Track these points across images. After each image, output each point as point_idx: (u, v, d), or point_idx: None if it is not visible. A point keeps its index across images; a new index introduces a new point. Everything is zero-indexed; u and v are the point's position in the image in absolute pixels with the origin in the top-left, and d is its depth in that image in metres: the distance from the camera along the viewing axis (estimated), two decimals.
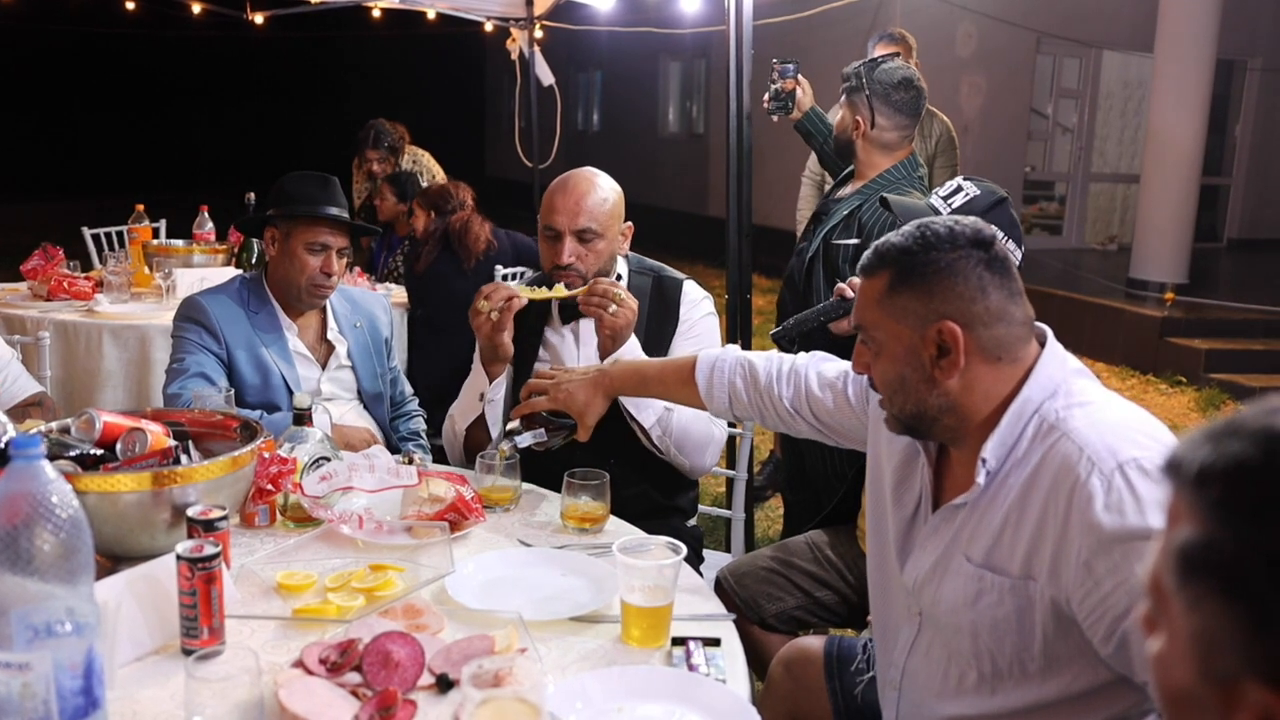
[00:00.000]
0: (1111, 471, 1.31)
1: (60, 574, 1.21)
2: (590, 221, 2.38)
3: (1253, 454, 0.66)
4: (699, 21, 5.84)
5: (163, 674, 1.46)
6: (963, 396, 1.45)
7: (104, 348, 3.74)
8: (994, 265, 1.44)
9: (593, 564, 1.82)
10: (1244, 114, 11.42)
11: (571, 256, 2.38)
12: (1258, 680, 0.63)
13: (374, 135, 5.64)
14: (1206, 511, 0.67)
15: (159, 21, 9.04)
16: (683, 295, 2.51)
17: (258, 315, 2.66)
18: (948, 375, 1.44)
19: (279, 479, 1.94)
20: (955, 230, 1.45)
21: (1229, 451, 0.67)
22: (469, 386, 2.49)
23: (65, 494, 1.21)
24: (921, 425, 1.51)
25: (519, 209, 7.07)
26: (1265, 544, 0.63)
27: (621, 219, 2.48)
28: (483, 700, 1.12)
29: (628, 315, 2.32)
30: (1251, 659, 0.63)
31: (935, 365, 1.44)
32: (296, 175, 2.71)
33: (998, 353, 1.44)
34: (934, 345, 1.44)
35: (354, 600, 1.63)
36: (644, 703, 1.41)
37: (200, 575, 1.47)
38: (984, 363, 1.44)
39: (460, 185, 4.51)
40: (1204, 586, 0.66)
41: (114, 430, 1.83)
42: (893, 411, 1.53)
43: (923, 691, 1.59)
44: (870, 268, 1.50)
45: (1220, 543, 0.65)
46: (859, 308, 1.53)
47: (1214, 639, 0.66)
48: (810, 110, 3.47)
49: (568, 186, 2.42)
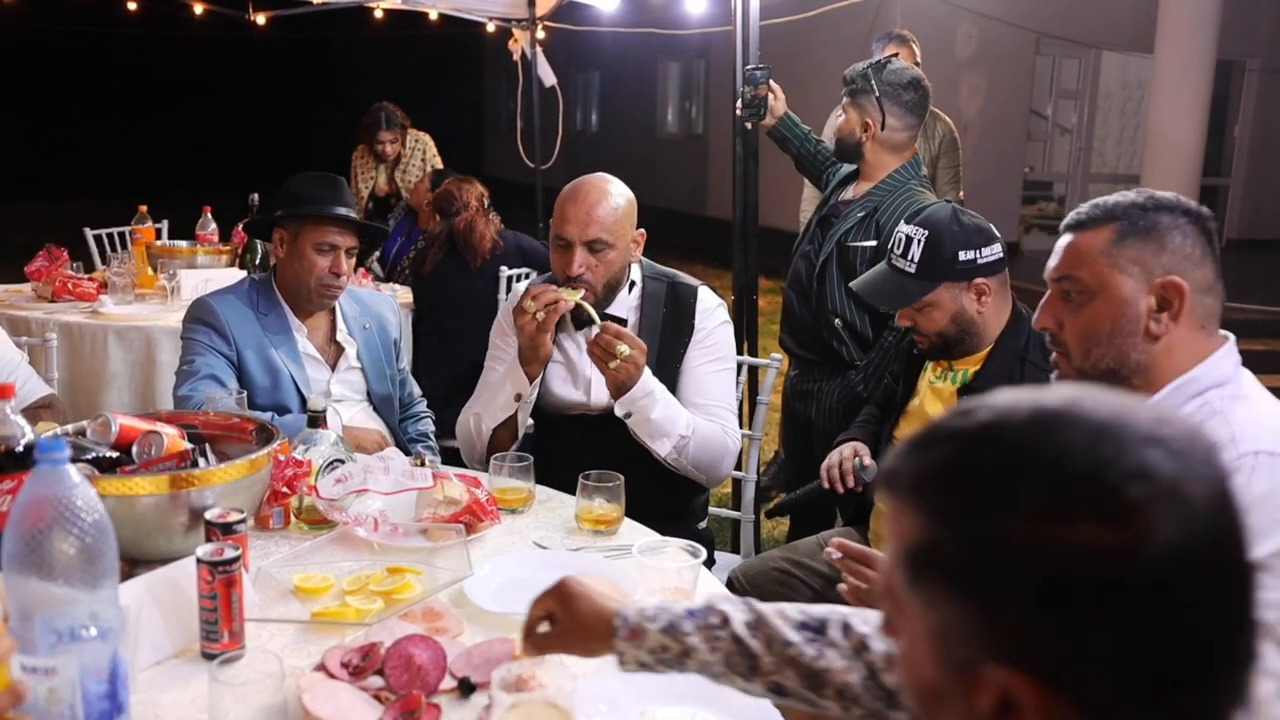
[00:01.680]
0: (1247, 455, 1.39)
1: (84, 578, 1.21)
2: (601, 232, 2.36)
3: (951, 456, 0.72)
4: (700, 22, 5.84)
5: (183, 678, 1.45)
6: (1161, 357, 1.50)
7: (109, 349, 3.74)
8: (1212, 239, 1.50)
9: (609, 566, 1.82)
10: (1243, 115, 11.44)
11: (582, 267, 2.36)
12: (996, 662, 0.68)
13: (385, 117, 5.67)
14: (926, 516, 0.71)
15: (161, 21, 9.02)
16: (698, 303, 2.50)
17: (267, 317, 2.65)
18: (1163, 329, 1.48)
19: (294, 481, 1.93)
20: (1179, 199, 1.51)
21: (931, 457, 0.73)
22: (494, 387, 2.47)
23: (90, 498, 1.20)
24: (1106, 383, 1.51)
25: (519, 210, 7.05)
26: (980, 538, 0.68)
27: (634, 227, 2.46)
28: (513, 704, 1.12)
29: (629, 370, 2.26)
30: (986, 645, 0.69)
31: (1152, 318, 1.48)
32: (303, 176, 2.70)
33: (1203, 320, 1.50)
34: (1156, 297, 1.48)
35: (372, 603, 1.63)
36: (666, 705, 1.41)
37: (220, 579, 1.47)
38: (1190, 328, 1.49)
39: (466, 184, 4.46)
40: (934, 585, 0.71)
41: (130, 433, 1.83)
42: (1083, 365, 1.54)
43: None
44: (1091, 220, 1.53)
45: (942, 543, 0.70)
46: (1066, 260, 1.54)
47: (950, 632, 0.70)
48: (784, 115, 3.44)
49: (579, 195, 2.39)
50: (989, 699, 0.68)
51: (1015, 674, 0.67)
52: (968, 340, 2.26)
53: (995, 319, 2.26)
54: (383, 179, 5.78)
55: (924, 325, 2.26)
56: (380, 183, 5.78)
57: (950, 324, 2.24)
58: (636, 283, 2.52)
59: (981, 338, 2.26)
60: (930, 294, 2.22)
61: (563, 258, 2.40)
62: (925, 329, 2.26)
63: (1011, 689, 0.67)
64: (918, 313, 2.25)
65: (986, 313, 2.24)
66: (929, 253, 2.21)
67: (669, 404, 2.34)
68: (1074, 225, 1.56)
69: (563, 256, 2.40)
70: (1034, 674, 0.67)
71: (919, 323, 2.27)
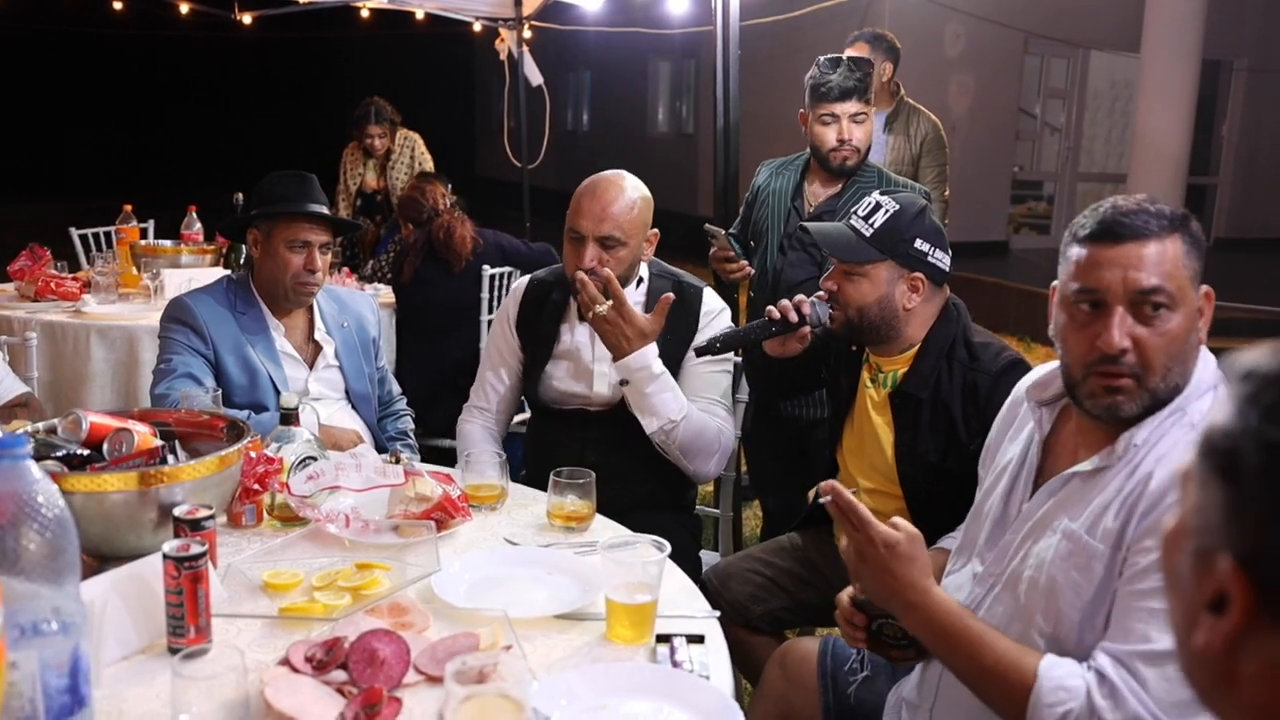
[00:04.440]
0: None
1: (46, 573, 1.21)
2: (615, 229, 2.39)
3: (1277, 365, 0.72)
4: (687, 22, 5.85)
5: (149, 673, 1.46)
6: (1197, 369, 1.48)
7: (91, 348, 3.74)
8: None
9: (579, 562, 1.83)
10: (1230, 114, 11.49)
11: (593, 261, 2.39)
12: (1229, 554, 0.69)
13: (374, 111, 5.66)
14: (1236, 403, 0.72)
15: (147, 21, 9.01)
16: (702, 305, 2.54)
17: (244, 316, 2.66)
18: (1202, 339, 1.48)
19: (266, 478, 1.94)
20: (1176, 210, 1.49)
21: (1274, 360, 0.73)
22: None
23: (51, 493, 1.21)
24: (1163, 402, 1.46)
25: (509, 209, 7.06)
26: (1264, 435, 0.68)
27: (648, 226, 2.49)
28: (466, 697, 1.13)
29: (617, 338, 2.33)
30: (1228, 535, 0.69)
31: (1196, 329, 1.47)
32: (275, 175, 2.72)
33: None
34: (1200, 309, 1.47)
35: (340, 599, 1.63)
36: (628, 699, 1.42)
37: (186, 574, 1.47)
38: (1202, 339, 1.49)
39: (428, 186, 4.42)
40: (1211, 466, 0.72)
41: (101, 430, 1.84)
42: (1159, 384, 1.45)
43: None
44: (1163, 228, 1.45)
45: (1232, 430, 0.71)
46: (1155, 270, 1.43)
47: (1207, 514, 0.71)
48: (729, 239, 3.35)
49: (596, 191, 2.43)
50: (1210, 588, 0.70)
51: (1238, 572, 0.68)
52: (881, 330, 2.16)
53: (915, 323, 2.16)
54: (371, 175, 5.78)
55: (849, 294, 2.15)
56: (368, 178, 5.78)
57: (874, 304, 2.14)
58: (644, 280, 2.56)
59: (896, 335, 2.16)
60: (872, 264, 2.13)
61: (575, 251, 2.43)
62: (848, 298, 2.15)
63: (1228, 585, 0.68)
64: (847, 278, 2.15)
65: (911, 311, 2.14)
66: (889, 224, 2.13)
67: (666, 386, 2.37)
68: (1141, 231, 1.44)
69: (575, 250, 2.43)
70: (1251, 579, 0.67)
71: (845, 290, 2.16)
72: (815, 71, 3.08)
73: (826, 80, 3.03)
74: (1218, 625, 0.69)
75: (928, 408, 2.10)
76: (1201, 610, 0.71)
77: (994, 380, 2.04)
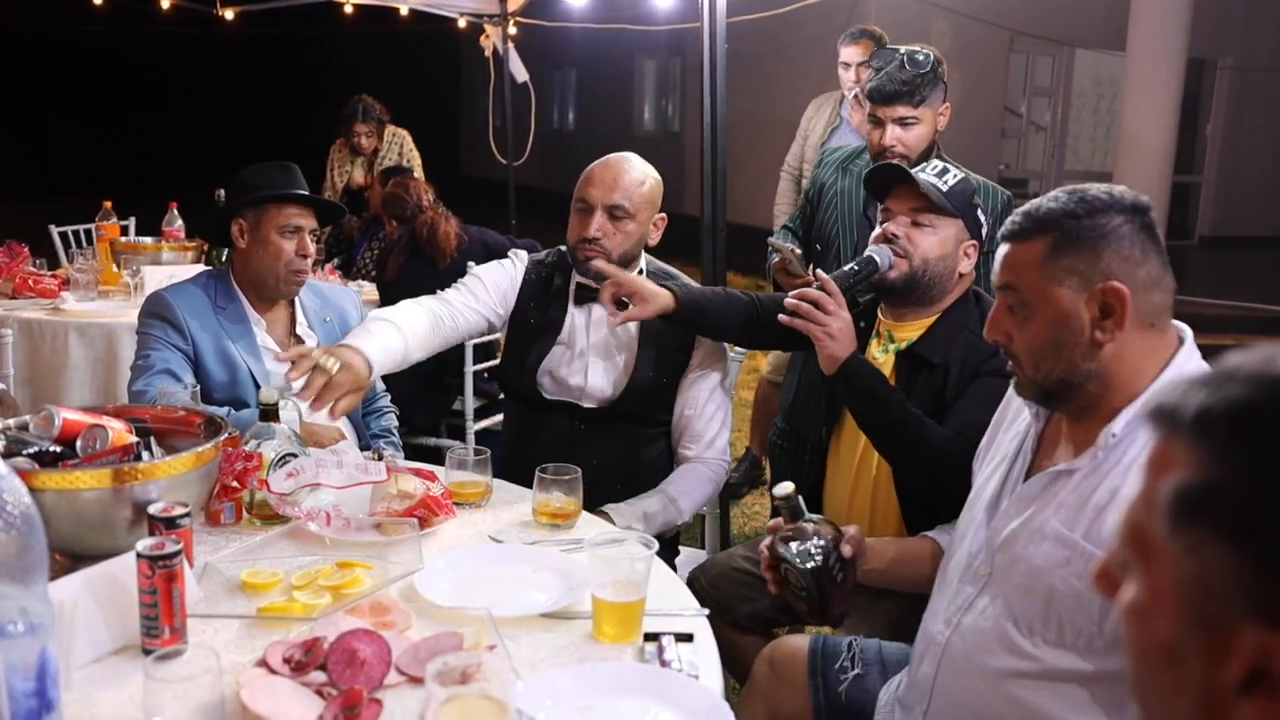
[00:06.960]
0: None
1: (12, 573, 1.17)
2: (624, 199, 2.38)
3: (1254, 396, 0.66)
4: (673, 19, 5.83)
5: (122, 675, 1.42)
6: (1113, 364, 1.47)
7: (70, 346, 3.69)
8: (1151, 231, 1.47)
9: (564, 560, 1.80)
10: (1215, 112, 11.53)
11: (599, 231, 2.37)
12: (1258, 622, 0.62)
13: (362, 109, 5.62)
14: (1208, 455, 0.65)
15: (128, 18, 8.92)
16: None
17: (225, 310, 2.61)
18: (1109, 337, 1.46)
19: (244, 475, 1.90)
20: (1114, 195, 1.48)
21: (1229, 395, 0.67)
22: None
23: (16, 490, 1.17)
24: (1062, 392, 1.51)
25: (496, 207, 7.02)
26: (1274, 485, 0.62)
27: (656, 208, 2.47)
28: (448, 698, 1.09)
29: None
30: (1253, 602, 0.62)
31: (1097, 326, 1.46)
32: (255, 166, 2.67)
33: (1152, 319, 1.47)
34: (1098, 306, 1.45)
35: (320, 598, 1.59)
36: (616, 699, 1.39)
37: (161, 573, 1.43)
38: (1139, 329, 1.46)
39: (411, 184, 4.40)
40: (1206, 530, 0.65)
41: (74, 427, 1.79)
42: (1035, 377, 1.53)
43: (972, 648, 1.59)
44: (1023, 232, 1.51)
45: (1226, 485, 0.64)
46: (1006, 271, 1.53)
47: (1211, 584, 0.64)
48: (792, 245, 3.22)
49: (609, 163, 2.44)
50: (1240, 664, 0.62)
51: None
52: (934, 289, 2.15)
53: (952, 289, 2.18)
54: (359, 172, 5.74)
55: (918, 243, 2.13)
56: (356, 176, 5.74)
57: (938, 260, 2.13)
58: (643, 271, 2.52)
59: (941, 298, 2.17)
60: (948, 216, 2.13)
61: (581, 220, 2.40)
62: (916, 246, 2.13)
63: (1272, 654, 0.61)
64: (916, 227, 2.14)
65: (958, 274, 2.16)
66: (960, 187, 2.14)
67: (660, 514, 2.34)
68: (1009, 236, 1.54)
69: (581, 219, 2.40)
70: None
71: (914, 238, 2.14)
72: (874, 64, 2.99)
73: (874, 78, 2.89)
74: (1267, 706, 0.62)
75: (927, 371, 2.13)
76: (1230, 693, 0.63)
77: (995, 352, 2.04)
